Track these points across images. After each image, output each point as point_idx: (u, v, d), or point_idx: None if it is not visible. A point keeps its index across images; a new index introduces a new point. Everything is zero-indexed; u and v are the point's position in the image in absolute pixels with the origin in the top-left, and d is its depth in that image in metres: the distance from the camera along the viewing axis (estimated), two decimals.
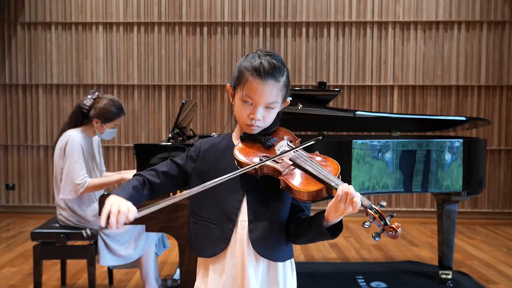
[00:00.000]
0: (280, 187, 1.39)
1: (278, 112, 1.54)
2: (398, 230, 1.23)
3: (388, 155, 3.00)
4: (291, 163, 1.42)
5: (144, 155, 2.58)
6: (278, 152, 1.45)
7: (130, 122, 5.73)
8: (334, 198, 1.30)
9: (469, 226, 5.28)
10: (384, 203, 1.27)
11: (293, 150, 1.44)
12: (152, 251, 3.08)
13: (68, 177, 2.85)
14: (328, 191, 1.34)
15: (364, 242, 4.59)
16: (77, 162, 2.86)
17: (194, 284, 1.55)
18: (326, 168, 1.37)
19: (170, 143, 2.67)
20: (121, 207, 1.30)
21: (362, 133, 4.79)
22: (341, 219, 1.36)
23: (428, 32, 5.61)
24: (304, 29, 5.63)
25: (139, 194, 1.45)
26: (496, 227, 5.29)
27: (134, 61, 5.68)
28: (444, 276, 3.44)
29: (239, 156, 1.44)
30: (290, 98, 1.55)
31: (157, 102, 5.71)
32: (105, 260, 2.92)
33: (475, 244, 4.58)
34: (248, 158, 1.43)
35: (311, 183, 1.35)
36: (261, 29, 5.63)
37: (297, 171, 1.39)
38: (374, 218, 1.26)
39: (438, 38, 5.62)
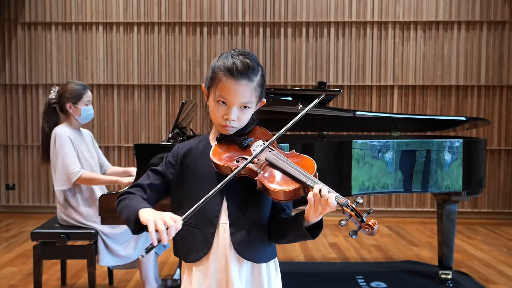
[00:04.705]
0: (257, 187, 1.37)
1: (254, 112, 1.52)
2: (374, 227, 1.21)
3: (388, 155, 3.00)
4: (267, 163, 1.40)
5: (144, 155, 2.58)
6: (254, 153, 1.42)
7: (130, 122, 5.73)
8: (308, 201, 1.29)
9: (469, 226, 5.28)
10: (361, 200, 1.25)
11: (264, 147, 1.42)
12: (152, 251, 3.08)
13: (62, 168, 2.90)
14: (305, 190, 1.32)
15: (364, 242, 4.59)
16: (67, 153, 2.90)
17: None
18: (303, 167, 1.36)
19: (170, 143, 2.67)
20: (166, 220, 1.27)
21: (362, 133, 4.79)
22: (321, 218, 1.35)
23: (428, 32, 5.61)
24: (304, 29, 5.63)
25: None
26: (496, 227, 5.29)
27: (134, 61, 5.68)
28: (444, 276, 3.44)
29: (215, 158, 1.42)
30: (265, 99, 1.53)
31: (157, 102, 5.71)
32: (105, 260, 2.93)
33: (475, 244, 4.58)
34: (224, 160, 1.41)
35: (287, 182, 1.34)
36: (261, 29, 5.63)
37: (274, 171, 1.38)
38: (351, 215, 1.25)
39: (438, 38, 5.62)
